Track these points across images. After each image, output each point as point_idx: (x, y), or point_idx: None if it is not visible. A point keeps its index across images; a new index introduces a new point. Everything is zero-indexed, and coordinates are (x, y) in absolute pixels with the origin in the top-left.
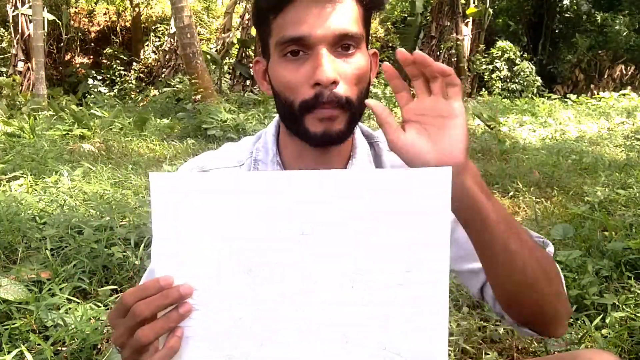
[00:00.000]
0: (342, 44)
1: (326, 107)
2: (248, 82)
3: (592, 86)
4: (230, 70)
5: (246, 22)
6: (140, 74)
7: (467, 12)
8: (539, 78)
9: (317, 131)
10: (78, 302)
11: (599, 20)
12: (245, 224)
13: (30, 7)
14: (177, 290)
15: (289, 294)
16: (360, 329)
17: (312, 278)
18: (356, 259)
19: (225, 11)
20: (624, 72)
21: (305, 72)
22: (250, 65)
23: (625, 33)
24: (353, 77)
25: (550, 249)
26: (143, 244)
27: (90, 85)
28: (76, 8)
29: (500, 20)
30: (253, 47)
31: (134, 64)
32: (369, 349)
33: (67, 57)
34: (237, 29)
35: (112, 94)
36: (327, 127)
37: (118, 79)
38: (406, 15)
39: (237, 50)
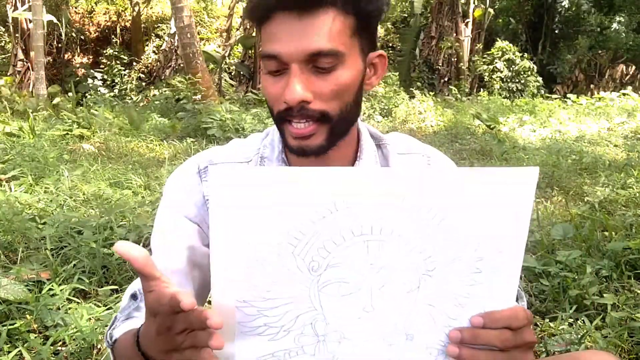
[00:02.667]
0: (316, 62)
1: (300, 121)
2: (249, 82)
3: (592, 86)
4: (232, 71)
5: (247, 22)
6: (140, 74)
7: (475, 14)
8: (539, 78)
9: (293, 145)
10: (78, 302)
11: (599, 20)
12: (308, 222)
13: (30, 7)
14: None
15: (352, 295)
16: (424, 327)
17: (379, 279)
18: (426, 260)
19: (229, 13)
20: (625, 72)
21: (281, 88)
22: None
23: (625, 33)
24: (330, 94)
25: (524, 303)
26: (142, 244)
27: (90, 85)
28: (76, 8)
29: (500, 20)
30: (253, 48)
31: (134, 64)
32: (432, 347)
33: (67, 57)
34: (238, 29)
35: (112, 94)
36: (302, 144)
37: (118, 79)
38: (406, 15)
39: (238, 50)
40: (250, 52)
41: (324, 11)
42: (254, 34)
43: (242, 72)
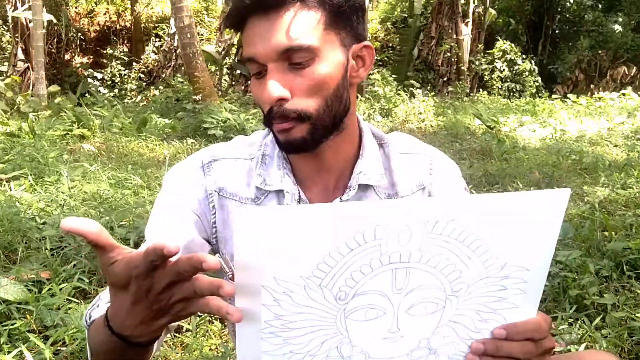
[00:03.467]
0: (290, 59)
1: (278, 122)
2: (249, 82)
3: (592, 86)
4: (230, 70)
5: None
6: (140, 74)
7: (487, 18)
8: (539, 78)
9: (281, 139)
10: (78, 302)
11: (599, 20)
12: (338, 255)
13: (30, 7)
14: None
15: (379, 319)
16: (446, 340)
17: (405, 303)
18: (452, 282)
19: (222, 11)
20: (627, 72)
21: (262, 90)
22: None
23: (625, 33)
24: (307, 89)
25: None
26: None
27: (90, 85)
28: (76, 8)
29: (500, 20)
30: None
31: (134, 64)
32: (454, 359)
33: (67, 57)
34: None
35: (112, 94)
36: (286, 137)
37: (118, 79)
38: (406, 15)
39: (237, 49)
40: None
41: (289, 8)
42: None
43: (241, 72)
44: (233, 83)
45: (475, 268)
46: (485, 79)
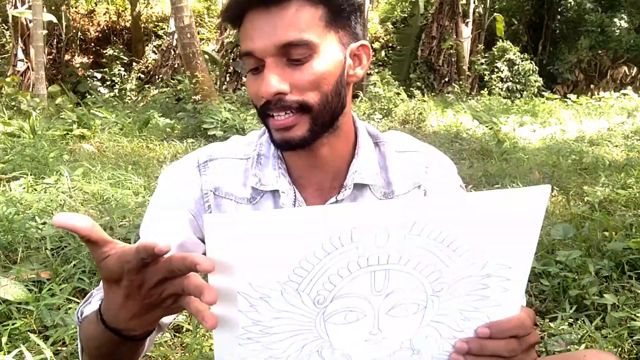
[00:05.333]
0: (289, 54)
1: (280, 113)
2: (244, 80)
3: (592, 86)
4: (227, 69)
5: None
6: (140, 74)
7: (497, 33)
8: (539, 78)
9: (277, 138)
10: (78, 302)
11: (600, 20)
12: (314, 259)
13: (30, 7)
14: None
15: (359, 322)
16: (429, 340)
17: (385, 305)
18: (433, 283)
19: (220, 10)
20: (627, 73)
21: (259, 85)
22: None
23: (626, 33)
24: (307, 84)
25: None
26: None
27: (90, 85)
28: (76, 8)
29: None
30: None
31: (134, 64)
32: (437, 358)
33: (67, 57)
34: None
35: (112, 94)
36: (284, 136)
37: (118, 79)
38: (406, 15)
39: (234, 48)
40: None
41: (291, 3)
42: None
43: (236, 70)
44: (226, 80)
45: (456, 268)
46: (485, 79)
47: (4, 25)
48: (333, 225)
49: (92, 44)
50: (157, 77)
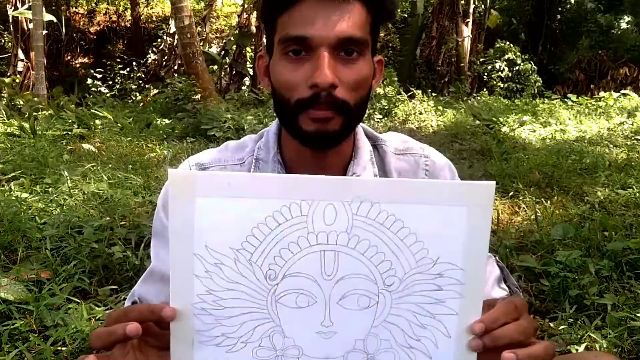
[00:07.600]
0: (345, 49)
1: (322, 109)
2: (246, 81)
3: (592, 86)
4: (228, 69)
5: (244, 20)
6: (140, 74)
7: (489, 23)
8: (539, 78)
9: (309, 130)
10: (78, 302)
11: (601, 21)
12: (265, 228)
13: (30, 7)
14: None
15: (310, 308)
16: (383, 346)
17: (336, 292)
18: (383, 274)
19: (241, 9)
20: (628, 73)
21: (305, 73)
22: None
23: (627, 33)
24: (353, 83)
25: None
26: (143, 244)
27: (91, 85)
28: (76, 8)
29: (500, 20)
30: (252, 46)
31: (134, 64)
32: (395, 354)
33: (67, 57)
34: (236, 29)
35: (112, 94)
36: (320, 127)
37: (118, 79)
38: (406, 15)
39: (236, 49)
40: (245, 50)
41: (354, 2)
42: (250, 32)
43: (237, 70)
44: (229, 82)
45: (406, 260)
46: (485, 79)
47: (3, 25)
48: (286, 195)
49: (92, 44)
50: (158, 77)
